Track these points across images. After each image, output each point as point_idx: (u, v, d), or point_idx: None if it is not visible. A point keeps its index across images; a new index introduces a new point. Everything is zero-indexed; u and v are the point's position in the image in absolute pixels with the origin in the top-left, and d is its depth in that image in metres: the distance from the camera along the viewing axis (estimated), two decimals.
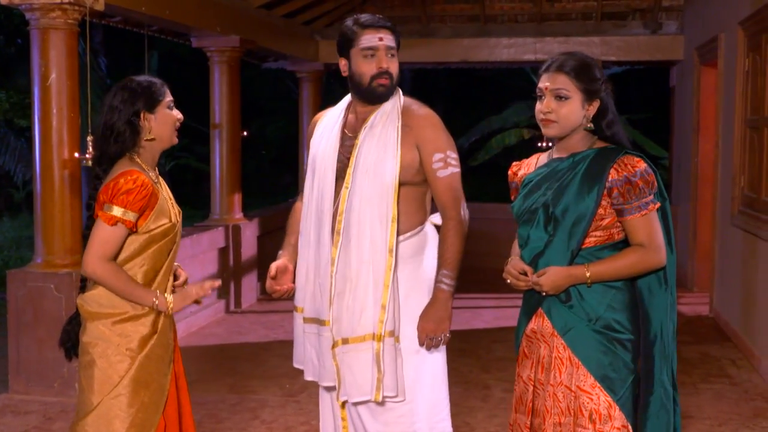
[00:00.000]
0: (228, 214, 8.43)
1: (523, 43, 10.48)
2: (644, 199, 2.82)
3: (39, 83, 5.67)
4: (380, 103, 3.37)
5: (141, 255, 3.06)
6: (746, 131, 6.93)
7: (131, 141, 3.07)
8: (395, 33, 3.37)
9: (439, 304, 3.25)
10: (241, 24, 8.34)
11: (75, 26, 5.69)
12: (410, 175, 3.29)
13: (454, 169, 3.29)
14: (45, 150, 5.68)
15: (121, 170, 3.02)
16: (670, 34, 10.16)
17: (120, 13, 6.74)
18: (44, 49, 5.62)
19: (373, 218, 3.27)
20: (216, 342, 7.18)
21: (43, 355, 5.67)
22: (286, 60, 10.70)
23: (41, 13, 5.56)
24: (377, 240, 3.26)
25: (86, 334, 3.06)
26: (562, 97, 2.88)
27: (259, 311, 8.38)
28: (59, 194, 5.68)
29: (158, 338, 3.08)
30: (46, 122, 5.66)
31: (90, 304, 3.06)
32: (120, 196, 2.96)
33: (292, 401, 5.63)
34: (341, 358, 3.29)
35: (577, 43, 10.33)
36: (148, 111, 3.09)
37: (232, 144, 8.41)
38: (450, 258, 3.25)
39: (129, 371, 3.02)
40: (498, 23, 10.63)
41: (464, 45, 10.59)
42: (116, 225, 2.97)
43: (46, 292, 5.63)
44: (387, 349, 3.25)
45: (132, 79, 3.13)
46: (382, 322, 3.25)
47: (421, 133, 3.29)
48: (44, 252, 5.72)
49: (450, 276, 3.24)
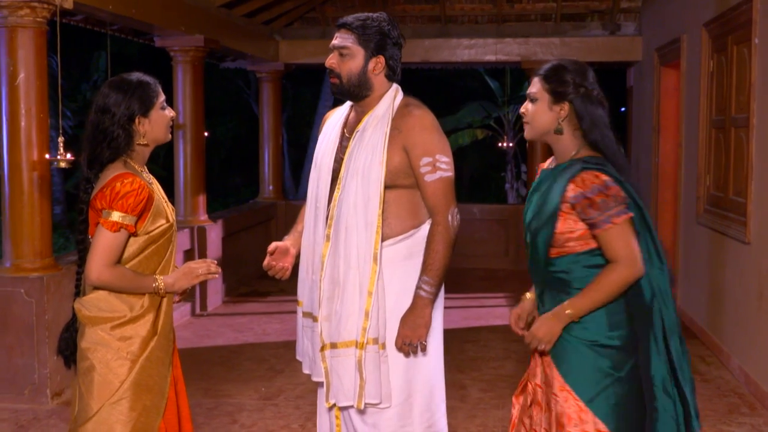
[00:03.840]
0: (193, 216, 8.33)
1: (483, 44, 10.53)
2: (607, 212, 2.78)
3: (6, 83, 5.53)
4: (355, 100, 3.38)
5: (139, 256, 3.02)
6: (711, 131, 7.04)
7: (125, 146, 3.01)
8: (354, 31, 3.30)
9: (417, 311, 3.23)
10: (205, 23, 8.25)
11: (44, 24, 5.57)
12: (399, 178, 3.26)
13: (443, 173, 3.23)
14: (13, 151, 5.54)
15: (114, 174, 2.96)
16: (628, 36, 10.30)
17: (87, 12, 6.61)
18: (12, 48, 5.49)
19: (359, 224, 3.26)
20: (185, 345, 7.08)
21: (12, 362, 5.53)
22: (246, 60, 10.62)
23: (9, 11, 5.43)
24: (363, 246, 3.25)
25: (85, 340, 3.01)
26: (533, 99, 2.96)
27: (225, 314, 8.28)
28: (28, 196, 5.55)
29: (158, 340, 3.04)
30: (14, 123, 5.53)
31: (89, 308, 3.00)
32: (118, 200, 2.91)
33: (270, 404, 5.57)
34: (329, 362, 3.31)
35: (536, 44, 10.42)
36: (142, 115, 3.02)
37: (196, 144, 8.32)
38: (432, 264, 3.22)
39: (130, 375, 2.98)
40: (458, 24, 10.68)
41: (425, 45, 10.61)
42: (119, 231, 2.92)
43: (16, 296, 5.49)
44: (369, 357, 3.25)
45: (124, 79, 3.04)
46: (365, 329, 3.25)
47: (410, 135, 3.24)
48: (13, 256, 5.57)
49: (430, 283, 3.22)
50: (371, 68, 3.31)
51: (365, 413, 3.33)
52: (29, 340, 5.48)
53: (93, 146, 2.99)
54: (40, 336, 5.44)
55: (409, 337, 3.24)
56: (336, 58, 3.33)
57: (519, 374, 6.25)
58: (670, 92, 8.88)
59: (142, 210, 2.96)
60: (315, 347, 3.38)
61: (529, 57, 10.43)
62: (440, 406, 3.45)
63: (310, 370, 3.46)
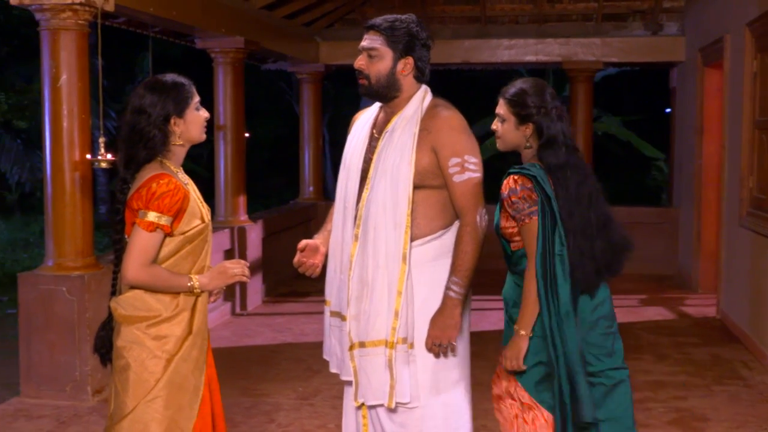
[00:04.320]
0: (233, 216, 8.39)
1: (524, 44, 10.48)
2: (521, 212, 3.19)
3: (49, 85, 5.62)
4: (384, 102, 3.40)
5: (175, 256, 3.05)
6: (755, 132, 6.94)
7: (161, 146, 3.03)
8: (383, 32, 3.32)
9: (447, 311, 3.24)
10: (245, 25, 8.31)
11: (86, 27, 5.65)
12: (428, 179, 3.28)
13: (472, 174, 3.25)
14: (56, 152, 5.63)
15: (150, 174, 2.99)
16: (671, 36, 10.18)
17: (128, 14, 6.70)
18: (55, 50, 5.58)
19: (387, 224, 3.28)
20: (224, 345, 7.13)
21: (54, 359, 5.61)
22: (287, 61, 10.67)
23: (52, 13, 5.52)
24: (391, 246, 3.27)
25: (120, 338, 3.04)
26: (502, 120, 3.33)
27: (265, 313, 8.34)
28: (70, 196, 5.63)
29: (193, 339, 3.07)
30: (56, 124, 5.61)
31: (124, 307, 3.04)
32: (154, 201, 2.93)
33: (307, 404, 5.59)
34: (358, 362, 3.34)
35: (577, 45, 10.35)
36: (177, 116, 3.05)
37: (236, 145, 8.38)
38: (461, 265, 3.23)
39: (165, 373, 3.00)
40: (498, 24, 10.64)
41: (465, 46, 10.58)
42: (155, 231, 2.95)
43: (58, 295, 5.58)
44: (399, 356, 3.28)
45: (158, 80, 3.07)
46: (395, 329, 3.27)
47: (438, 136, 3.26)
48: (55, 254, 5.66)
49: (459, 283, 3.23)
50: (400, 69, 3.33)
51: (394, 412, 3.35)
52: (71, 337, 5.56)
53: (129, 147, 3.02)
54: (81, 334, 5.51)
55: (439, 338, 3.25)
56: (365, 59, 3.35)
57: None
58: (713, 93, 8.77)
59: (178, 210, 2.98)
60: (343, 346, 3.40)
61: (570, 57, 10.36)
62: (466, 407, 3.46)
63: (338, 369, 3.48)
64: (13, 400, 5.67)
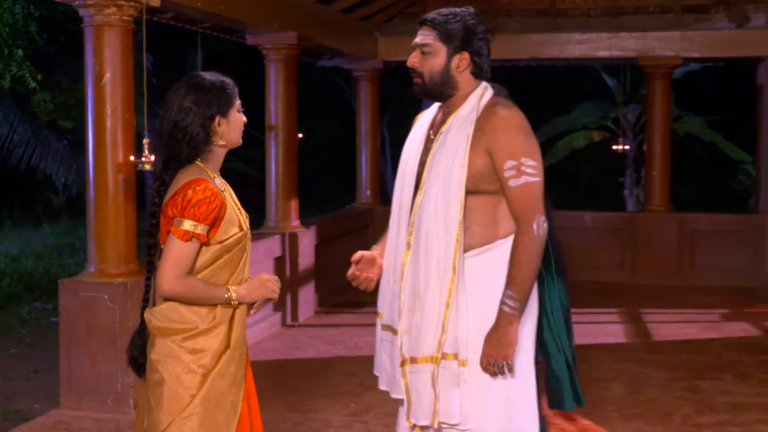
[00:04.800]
0: (284, 222, 8.47)
1: (596, 38, 10.41)
2: None
3: (92, 83, 5.73)
4: (440, 101, 3.38)
5: (212, 266, 3.07)
6: None
7: (204, 145, 3.07)
8: (436, 27, 3.30)
9: (501, 328, 3.17)
10: (298, 20, 8.38)
11: (130, 23, 5.75)
12: (483, 183, 3.22)
13: (529, 178, 3.17)
14: (99, 153, 5.74)
15: (187, 179, 3.02)
16: (757, 28, 10.01)
17: (175, 9, 6.81)
18: (98, 47, 5.69)
19: (439, 231, 3.24)
20: (273, 357, 7.20)
21: (96, 369, 5.73)
22: (343, 58, 10.74)
23: (95, 9, 5.63)
24: (443, 255, 3.23)
25: (155, 351, 3.07)
26: None
27: (317, 325, 8.40)
28: (113, 200, 5.74)
29: (231, 354, 3.08)
30: (99, 124, 5.72)
31: (159, 319, 3.06)
32: (190, 208, 2.95)
33: (358, 421, 5.62)
34: (410, 378, 3.30)
35: (655, 39, 10.24)
36: (222, 115, 3.09)
37: (288, 147, 8.45)
38: (516, 277, 3.15)
39: (201, 389, 3.02)
40: (569, 17, 10.58)
41: (533, 41, 10.55)
42: (191, 240, 2.97)
43: (100, 302, 5.69)
44: (444, 373, 3.23)
45: (203, 78, 3.10)
46: (440, 342, 3.23)
47: (494, 137, 3.20)
48: (97, 260, 5.77)
49: (514, 297, 3.15)
50: (455, 65, 3.29)
51: None
52: (112, 347, 5.67)
53: (171, 145, 3.05)
54: (123, 344, 5.60)
55: (494, 357, 3.18)
56: (418, 56, 3.34)
57: (628, 397, 6.16)
58: None
59: (215, 218, 3.00)
60: (394, 362, 3.37)
61: (647, 53, 10.26)
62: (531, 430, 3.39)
63: (387, 387, 3.45)
64: (52, 412, 5.80)
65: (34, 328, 9.69)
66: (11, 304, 11.28)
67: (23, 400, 6.84)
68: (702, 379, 6.60)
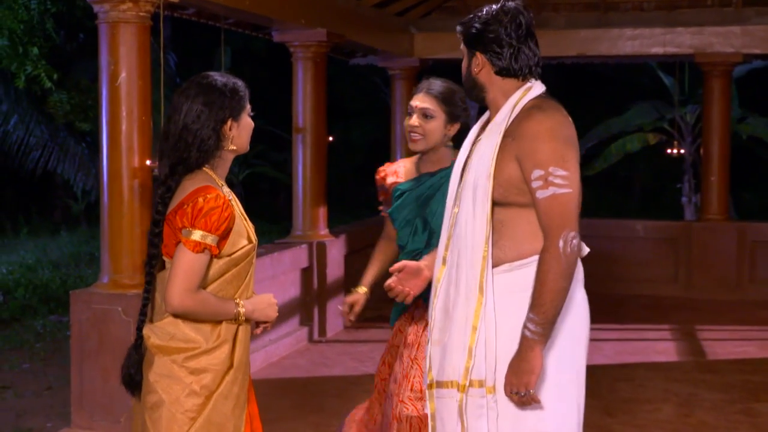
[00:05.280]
0: (312, 230, 8.51)
1: (649, 34, 10.36)
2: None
3: (107, 83, 5.79)
4: (481, 104, 3.40)
5: (219, 279, 3.07)
6: None
7: (214, 150, 3.08)
8: (459, 30, 3.34)
9: (521, 354, 3.07)
10: (328, 16, 8.43)
11: (147, 19, 5.81)
12: (512, 194, 3.17)
13: (558, 189, 3.07)
14: (113, 157, 5.79)
15: (195, 186, 3.02)
16: None
17: (196, 5, 6.89)
18: (113, 45, 5.74)
19: (467, 245, 3.21)
20: (298, 374, 7.25)
21: (108, 386, 5.78)
22: (377, 55, 10.78)
23: (111, 5, 5.69)
24: (470, 272, 3.20)
25: (153, 371, 3.05)
26: (429, 116, 3.86)
27: (345, 340, 8.43)
28: (128, 206, 5.80)
29: (234, 374, 3.08)
30: (114, 126, 5.78)
31: (160, 336, 3.05)
32: (201, 218, 2.95)
33: None
34: (436, 403, 3.28)
35: (713, 34, 10.18)
36: (233, 119, 3.10)
37: (317, 150, 8.49)
38: (538, 297, 3.05)
39: (203, 412, 3.02)
40: (620, 12, 10.54)
41: (581, 37, 10.52)
42: (203, 252, 2.97)
43: (113, 315, 5.74)
44: (472, 402, 3.18)
45: (214, 79, 3.11)
46: (467, 369, 3.18)
47: (522, 144, 3.14)
48: (111, 270, 5.83)
49: (535, 321, 3.04)
50: (474, 68, 3.31)
51: None
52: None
53: (179, 149, 3.04)
54: None
55: (515, 385, 3.09)
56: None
57: (677, 420, 6.13)
58: None
59: (226, 229, 3.01)
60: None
61: (704, 49, 10.20)
62: None
63: None
64: (63, 431, 5.87)
65: (48, 342, 9.79)
66: (25, 316, 11.42)
67: (35, 418, 6.92)
68: (758, 401, 6.55)
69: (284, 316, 8.04)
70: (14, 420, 6.86)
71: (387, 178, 4.13)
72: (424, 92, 3.92)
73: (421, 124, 3.87)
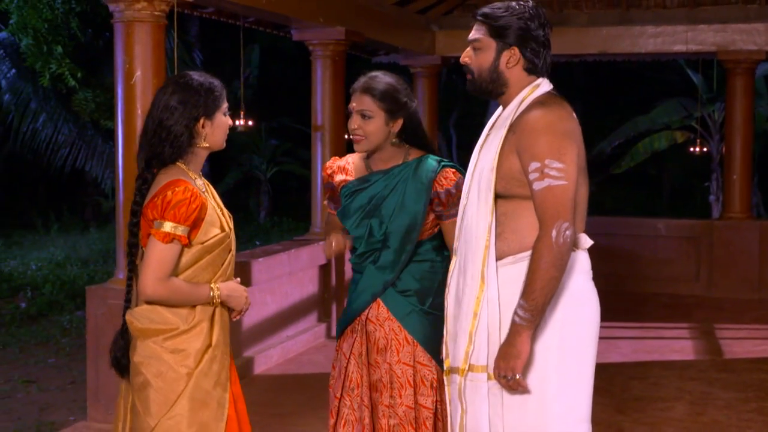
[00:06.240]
0: None
1: (672, 32, 10.32)
2: (457, 206, 3.59)
3: (123, 82, 5.86)
4: (492, 98, 3.46)
5: (193, 266, 3.22)
6: None
7: (186, 146, 3.23)
8: (486, 21, 3.34)
9: (509, 339, 3.15)
10: (347, 14, 8.47)
11: (162, 18, 5.88)
12: (513, 186, 3.24)
13: (552, 181, 3.14)
14: (129, 155, 5.84)
15: (167, 179, 3.16)
16: None
17: (212, 4, 6.94)
18: (128, 43, 5.82)
19: (472, 237, 3.30)
20: (314, 371, 7.29)
21: None
22: (399, 53, 10.80)
23: (126, 4, 5.77)
24: (475, 262, 3.28)
25: (137, 353, 3.21)
26: (368, 116, 3.78)
27: None
28: None
29: (213, 352, 3.24)
30: (129, 125, 5.86)
31: (140, 320, 3.21)
32: (170, 210, 3.10)
33: None
34: (448, 388, 3.39)
35: (736, 31, 10.13)
36: (207, 117, 3.24)
37: (335, 148, 8.53)
38: (529, 284, 3.12)
39: (186, 389, 3.17)
40: (643, 9, 10.50)
41: (602, 34, 10.50)
42: (172, 242, 3.11)
43: None
44: (470, 386, 3.27)
45: (192, 78, 3.26)
46: (467, 354, 3.27)
47: (521, 137, 3.22)
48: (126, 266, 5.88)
49: (524, 307, 3.11)
50: (504, 62, 3.33)
51: None
52: None
53: (154, 144, 3.20)
54: None
55: (503, 369, 3.17)
56: (470, 52, 3.39)
57: (689, 418, 6.11)
58: None
59: (196, 219, 3.15)
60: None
61: (727, 47, 10.14)
62: None
63: None
64: (78, 425, 5.96)
65: (74, 337, 9.91)
66: (52, 312, 11.56)
67: (58, 412, 7.02)
68: None
69: (302, 312, 8.10)
70: (37, 413, 6.96)
71: (335, 176, 3.98)
72: (359, 92, 3.81)
73: (360, 125, 3.79)
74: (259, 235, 18.66)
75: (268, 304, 7.54)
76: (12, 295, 12.55)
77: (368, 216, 3.83)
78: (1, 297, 12.39)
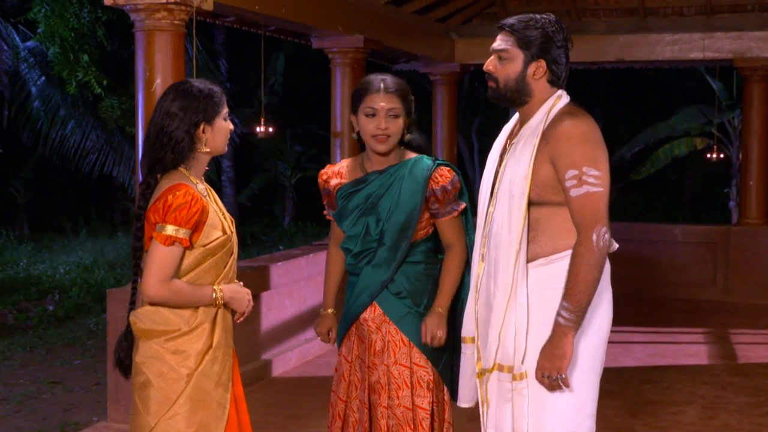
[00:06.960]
0: None
1: (688, 39, 10.28)
2: (453, 203, 3.85)
3: (143, 89, 5.92)
4: (513, 107, 3.51)
5: (196, 269, 3.26)
6: None
7: (188, 151, 3.27)
8: (515, 33, 3.39)
9: (554, 340, 3.26)
10: (366, 22, 8.50)
11: (182, 27, 5.92)
12: (548, 193, 3.33)
13: (591, 188, 3.25)
14: None
15: (168, 184, 3.22)
16: None
17: (232, 13, 6.99)
18: (149, 52, 5.87)
19: (504, 242, 3.37)
20: (332, 374, 7.28)
21: None
22: (418, 61, 10.83)
23: (146, 14, 5.81)
24: (508, 267, 3.35)
25: (139, 354, 3.27)
26: (396, 116, 3.81)
27: None
28: None
29: (213, 353, 3.28)
30: None
31: (143, 321, 3.26)
32: (171, 213, 3.15)
33: None
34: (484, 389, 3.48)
35: (752, 39, 10.09)
36: (207, 123, 3.28)
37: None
38: (572, 287, 3.23)
39: (185, 389, 3.21)
40: (660, 17, 10.47)
41: (620, 42, 10.48)
42: (173, 245, 3.16)
43: None
44: (498, 385, 3.37)
45: (192, 85, 3.31)
46: (495, 353, 3.37)
47: (556, 146, 3.30)
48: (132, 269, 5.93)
49: (569, 308, 3.23)
50: (531, 73, 3.39)
51: None
52: None
53: (156, 149, 3.25)
54: None
55: (547, 369, 3.26)
56: (494, 61, 3.45)
57: (700, 422, 6.10)
58: None
59: (197, 222, 3.19)
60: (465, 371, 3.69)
61: (743, 54, 10.10)
62: None
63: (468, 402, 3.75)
64: (99, 425, 6.01)
65: (99, 339, 10.01)
66: (80, 314, 11.68)
67: (82, 413, 7.11)
68: None
69: None
70: (62, 414, 7.05)
71: (330, 180, 4.02)
72: (390, 92, 3.80)
73: (389, 125, 3.79)
74: (283, 240, 18.74)
75: (287, 307, 7.58)
76: (40, 297, 12.69)
77: (365, 214, 3.87)
78: (29, 300, 12.52)
